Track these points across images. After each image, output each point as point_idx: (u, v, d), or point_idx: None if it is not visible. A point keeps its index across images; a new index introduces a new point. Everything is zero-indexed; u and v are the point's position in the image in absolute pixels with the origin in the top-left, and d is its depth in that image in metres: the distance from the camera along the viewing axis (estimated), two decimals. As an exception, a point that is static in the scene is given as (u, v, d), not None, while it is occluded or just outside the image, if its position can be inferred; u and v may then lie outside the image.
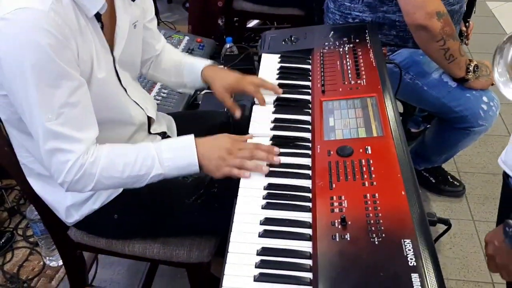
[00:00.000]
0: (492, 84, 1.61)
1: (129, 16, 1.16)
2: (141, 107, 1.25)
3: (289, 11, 2.57)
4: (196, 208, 1.19)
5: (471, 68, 1.58)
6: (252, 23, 3.15)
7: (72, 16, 0.98)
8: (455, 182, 2.05)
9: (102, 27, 1.08)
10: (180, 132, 1.38)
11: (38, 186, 1.19)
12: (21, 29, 0.91)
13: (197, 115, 1.63)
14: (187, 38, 2.33)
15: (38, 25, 0.91)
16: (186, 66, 1.40)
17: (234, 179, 1.06)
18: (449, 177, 2.06)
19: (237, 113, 1.28)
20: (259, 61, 1.51)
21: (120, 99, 1.17)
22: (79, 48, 0.99)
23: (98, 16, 1.05)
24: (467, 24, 1.88)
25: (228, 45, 2.41)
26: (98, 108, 1.05)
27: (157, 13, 2.12)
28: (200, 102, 1.99)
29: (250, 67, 2.21)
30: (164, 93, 1.92)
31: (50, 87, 0.95)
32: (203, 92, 1.95)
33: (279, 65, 1.45)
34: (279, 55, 1.50)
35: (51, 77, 0.94)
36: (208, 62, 1.40)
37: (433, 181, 2.03)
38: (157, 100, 1.86)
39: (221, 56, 2.31)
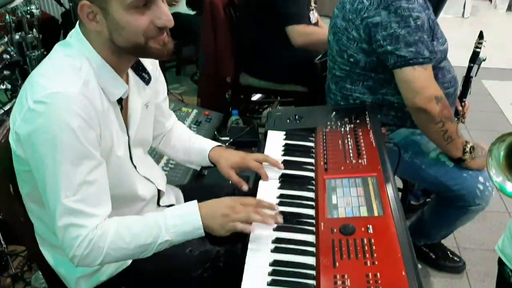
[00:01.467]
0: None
1: (142, 98, 1.24)
2: (151, 182, 1.32)
3: (292, 87, 2.69)
4: (202, 282, 1.22)
5: (467, 149, 1.65)
6: (257, 96, 3.29)
7: (98, 100, 1.06)
8: (455, 258, 2.07)
9: (121, 109, 1.17)
10: (188, 204, 1.44)
11: (50, 257, 1.23)
12: (54, 111, 0.99)
13: (204, 188, 1.69)
14: (195, 111, 2.44)
15: (69, 108, 1.00)
16: (195, 146, 1.47)
17: (239, 254, 1.10)
18: (449, 252, 2.08)
19: (245, 187, 1.34)
20: (265, 137, 1.59)
21: (130, 176, 1.23)
22: (102, 128, 1.07)
23: (119, 100, 1.14)
24: (463, 103, 1.98)
25: (234, 118, 2.52)
26: (112, 186, 1.11)
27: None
28: (205, 173, 2.06)
29: (255, 139, 2.31)
30: (171, 164, 1.99)
31: (72, 166, 1.01)
32: (208, 164, 2.02)
33: (284, 142, 1.53)
34: (284, 132, 1.58)
35: (75, 156, 1.01)
36: (215, 143, 1.47)
37: (433, 256, 2.05)
38: (165, 171, 1.93)
39: (227, 129, 2.41)
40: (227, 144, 2.23)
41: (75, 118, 1.00)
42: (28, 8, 2.45)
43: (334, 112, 1.61)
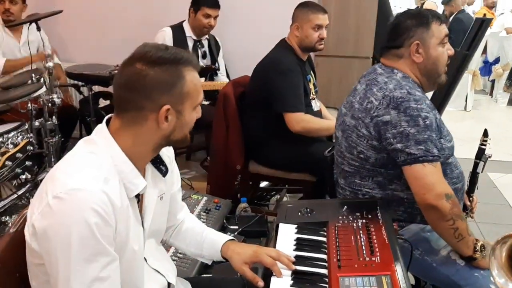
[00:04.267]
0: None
1: (157, 190, 1.28)
2: (161, 274, 1.31)
3: (301, 176, 2.74)
4: None
5: (478, 247, 1.65)
6: (264, 183, 3.33)
7: (117, 196, 1.09)
8: None
9: (137, 202, 1.20)
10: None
11: None
12: (73, 207, 1.02)
13: (213, 282, 1.67)
14: (205, 198, 2.46)
15: (88, 205, 1.02)
16: (207, 241, 1.48)
17: None
18: None
19: (260, 284, 1.31)
20: (276, 230, 1.59)
21: (139, 269, 1.23)
22: (118, 223, 1.09)
23: (137, 195, 1.17)
24: (470, 198, 2.00)
25: (242, 205, 2.53)
26: (121, 280, 1.11)
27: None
28: (213, 264, 2.03)
29: (263, 229, 2.30)
30: (180, 254, 1.97)
31: (86, 262, 1.03)
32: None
33: (296, 236, 1.53)
34: (295, 226, 1.59)
35: (90, 253, 1.03)
36: (227, 237, 1.48)
37: None
38: (174, 261, 1.92)
39: (236, 217, 2.41)
40: (235, 233, 2.22)
41: (92, 215, 1.02)
42: (50, 97, 2.57)
43: (345, 207, 1.63)
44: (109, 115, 1.22)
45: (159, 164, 1.29)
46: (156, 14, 3.80)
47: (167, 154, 1.34)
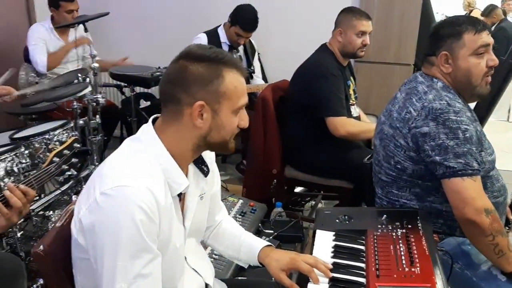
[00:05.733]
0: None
1: (199, 190, 1.30)
2: (199, 274, 1.33)
3: (337, 183, 2.71)
4: None
5: None
6: (299, 188, 3.32)
7: (162, 194, 1.12)
8: None
9: (179, 201, 1.22)
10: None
11: None
12: (119, 204, 1.05)
13: (248, 286, 1.68)
14: (241, 201, 2.48)
15: (135, 203, 1.05)
16: (244, 244, 1.48)
17: None
18: None
19: None
20: (313, 236, 1.59)
21: (180, 268, 1.26)
22: (161, 221, 1.12)
23: (179, 194, 1.20)
24: (514, 212, 1.94)
25: (277, 210, 2.53)
26: (163, 278, 1.13)
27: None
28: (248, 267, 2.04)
29: (299, 234, 2.30)
30: (216, 255, 1.99)
31: (131, 258, 1.05)
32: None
33: (334, 243, 1.53)
34: (333, 233, 1.58)
35: (135, 249, 1.06)
36: (264, 243, 1.48)
37: None
38: (210, 261, 1.94)
39: (271, 221, 2.41)
40: (271, 237, 2.23)
41: (139, 212, 1.05)
42: (95, 96, 2.65)
43: (385, 215, 1.61)
44: (154, 115, 1.25)
45: (201, 164, 1.31)
46: (199, 16, 3.85)
47: (209, 155, 1.36)
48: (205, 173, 1.32)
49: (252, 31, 3.43)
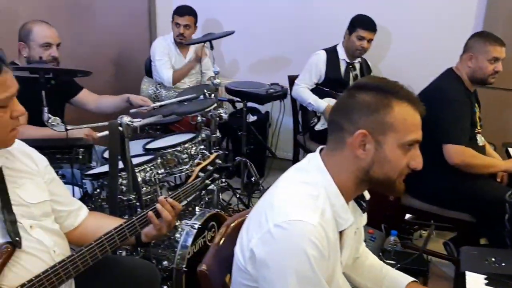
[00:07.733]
0: None
1: (355, 225, 1.28)
2: None
3: (457, 215, 2.59)
4: None
5: None
6: (408, 215, 3.19)
7: (331, 230, 1.11)
8: None
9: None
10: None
11: None
12: (293, 238, 1.05)
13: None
14: (361, 230, 2.42)
15: (308, 237, 1.05)
16: (388, 278, 1.45)
17: None
18: None
19: None
20: (463, 278, 1.51)
21: None
22: (330, 258, 1.11)
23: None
24: None
25: (392, 238, 2.45)
26: None
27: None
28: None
29: (423, 269, 2.20)
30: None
31: None
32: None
33: (487, 287, 1.45)
34: (484, 276, 1.50)
35: (306, 284, 1.05)
36: (410, 278, 1.43)
37: None
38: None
39: (391, 251, 2.33)
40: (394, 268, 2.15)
41: (311, 248, 1.04)
42: (219, 111, 2.73)
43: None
44: (321, 146, 1.24)
45: (360, 200, 1.29)
46: (313, 34, 3.85)
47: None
48: (364, 209, 1.29)
49: (373, 31, 3.35)
